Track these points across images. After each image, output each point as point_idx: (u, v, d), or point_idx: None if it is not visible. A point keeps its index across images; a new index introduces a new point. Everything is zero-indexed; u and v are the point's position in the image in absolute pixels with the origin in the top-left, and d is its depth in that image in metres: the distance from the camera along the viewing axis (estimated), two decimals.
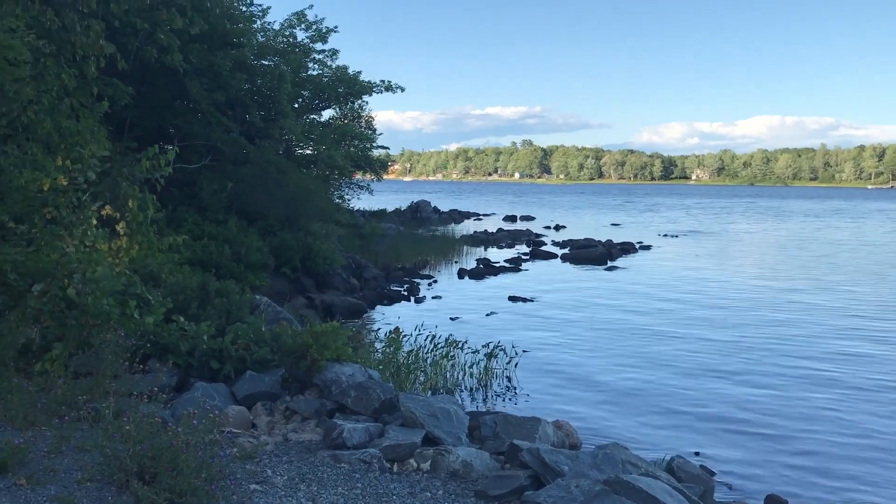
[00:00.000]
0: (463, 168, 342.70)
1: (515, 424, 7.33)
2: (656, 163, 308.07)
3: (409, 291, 22.33)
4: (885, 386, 12.64)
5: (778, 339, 16.31)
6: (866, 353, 15.05)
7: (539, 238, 43.35)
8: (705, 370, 13.65)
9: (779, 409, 11.40)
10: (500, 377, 12.80)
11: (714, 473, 8.79)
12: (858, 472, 9.01)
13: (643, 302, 21.20)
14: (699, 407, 11.52)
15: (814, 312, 19.65)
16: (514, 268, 29.05)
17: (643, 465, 6.37)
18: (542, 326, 17.57)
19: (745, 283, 25.55)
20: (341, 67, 27.85)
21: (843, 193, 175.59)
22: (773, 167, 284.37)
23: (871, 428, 10.55)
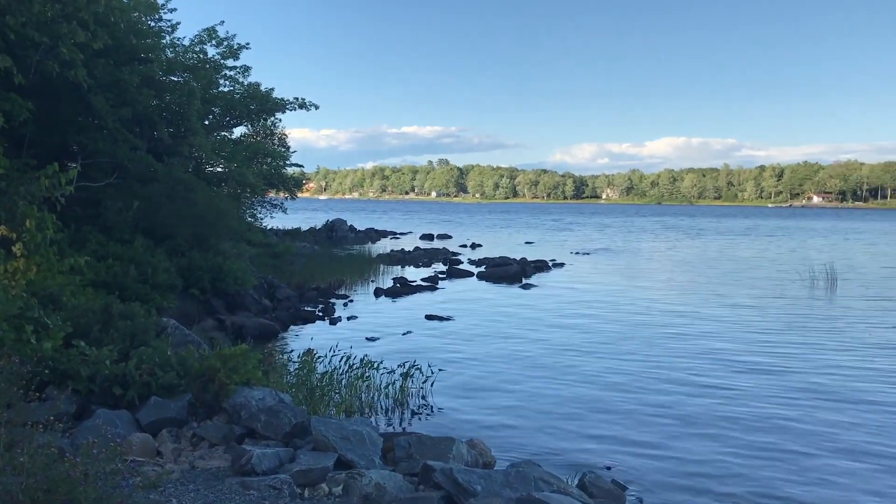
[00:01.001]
0: (380, 186, 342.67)
1: (429, 445, 7.28)
2: (568, 182, 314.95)
3: (324, 312, 22.05)
4: (787, 397, 13.11)
5: (686, 353, 16.77)
6: (769, 365, 15.61)
7: (456, 256, 43.55)
8: (617, 385, 13.90)
9: (689, 421, 11.68)
10: (417, 397, 12.74)
11: (626, 488, 8.92)
12: (767, 476, 9.28)
13: (557, 319, 21.52)
14: (612, 421, 11.71)
15: (719, 327, 20.31)
16: (430, 286, 29.07)
17: (555, 483, 6.41)
18: (459, 345, 17.61)
19: (654, 298, 26.25)
20: (253, 84, 27.49)
21: (745, 212, 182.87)
22: (679, 186, 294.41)
23: (777, 435, 10.91)
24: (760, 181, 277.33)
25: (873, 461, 9.98)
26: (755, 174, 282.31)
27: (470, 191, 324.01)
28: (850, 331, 19.87)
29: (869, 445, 10.59)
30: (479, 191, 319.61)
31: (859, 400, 12.97)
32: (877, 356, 16.60)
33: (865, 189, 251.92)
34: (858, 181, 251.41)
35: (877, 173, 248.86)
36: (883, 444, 10.66)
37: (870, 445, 10.59)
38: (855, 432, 11.20)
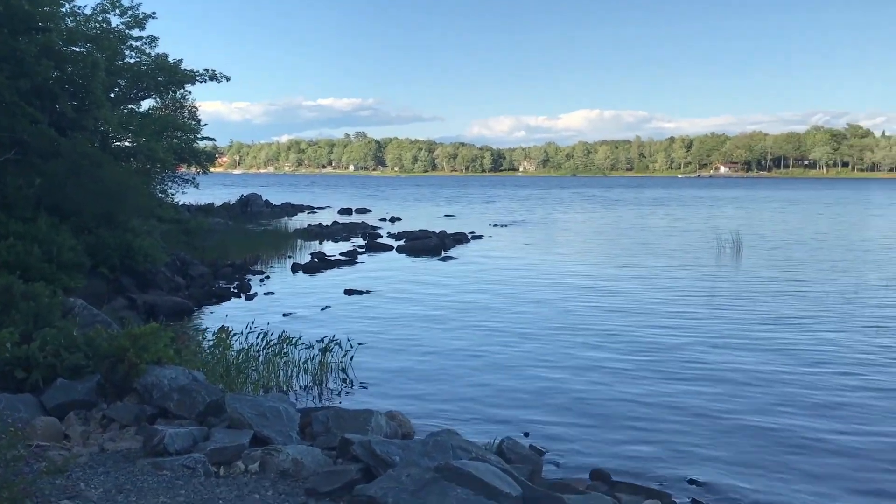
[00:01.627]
0: (296, 160, 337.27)
1: (347, 418, 7.26)
2: (486, 155, 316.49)
3: (240, 288, 21.66)
4: (702, 361, 13.58)
5: (601, 320, 17.17)
6: (681, 332, 16.11)
7: (375, 230, 43.38)
8: (534, 354, 14.14)
9: (603, 388, 11.98)
10: (336, 371, 12.66)
11: (543, 452, 9.11)
12: (675, 442, 9.61)
13: (476, 291, 21.70)
14: (529, 389, 11.91)
15: (633, 295, 20.86)
16: (349, 261, 28.89)
17: (474, 450, 6.48)
18: (379, 318, 17.58)
19: (570, 268, 26.75)
20: (161, 55, 26.49)
21: (656, 182, 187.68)
22: (593, 159, 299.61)
23: (688, 401, 11.29)
24: (670, 152, 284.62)
25: (771, 428, 10.44)
26: (665, 146, 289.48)
27: (388, 164, 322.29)
28: (754, 297, 20.68)
29: (759, 407, 11.09)
30: (398, 164, 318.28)
31: (757, 354, 13.56)
32: (778, 322, 17.35)
33: (769, 159, 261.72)
34: (763, 151, 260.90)
35: (779, 144, 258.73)
36: (776, 410, 11.18)
37: (760, 407, 11.09)
38: (749, 396, 11.69)
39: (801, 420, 10.35)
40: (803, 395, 11.48)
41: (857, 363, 13.33)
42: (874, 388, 11.80)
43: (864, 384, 12.05)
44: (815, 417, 10.44)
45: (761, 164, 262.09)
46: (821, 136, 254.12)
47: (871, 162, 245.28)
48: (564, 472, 8.65)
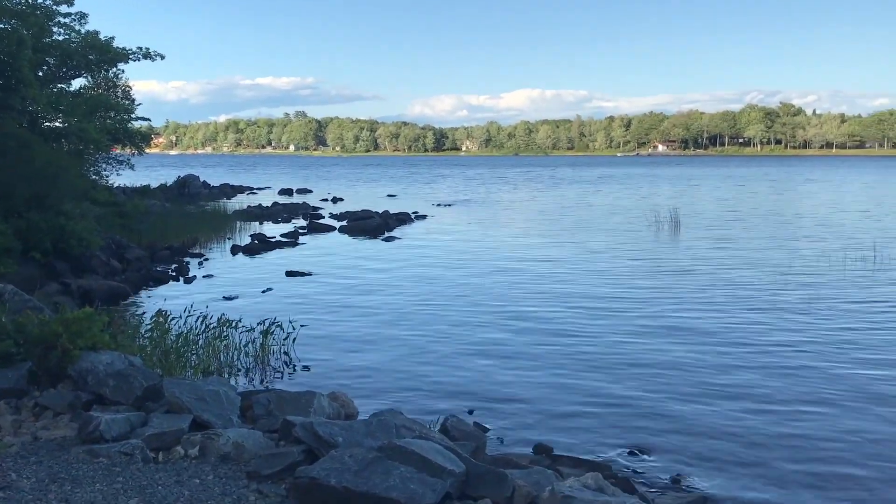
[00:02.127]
0: (234, 141, 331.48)
1: (289, 400, 7.19)
2: (429, 135, 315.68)
3: (178, 272, 21.24)
4: (641, 339, 13.83)
5: (543, 299, 17.34)
6: (621, 310, 16.37)
7: (316, 211, 42.96)
8: (478, 331, 14.22)
9: (547, 365, 12.11)
10: (278, 354, 12.53)
11: (487, 429, 9.19)
12: (617, 417, 9.79)
13: (419, 270, 21.69)
14: (473, 367, 11.97)
15: (575, 274, 21.10)
16: (291, 242, 28.57)
17: (417, 428, 6.48)
18: (321, 300, 17.44)
19: (513, 247, 26.93)
20: (91, 33, 25.68)
21: (597, 161, 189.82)
22: (534, 138, 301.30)
23: (628, 377, 11.50)
24: (610, 131, 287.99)
25: (709, 403, 10.70)
26: (605, 125, 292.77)
27: (330, 144, 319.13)
28: (691, 273, 21.13)
29: (704, 377, 11.37)
30: (339, 144, 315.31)
31: (698, 332, 13.88)
32: (714, 297, 17.76)
33: (706, 137, 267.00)
34: (699, 130, 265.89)
35: (715, 122, 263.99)
36: (715, 375, 11.47)
37: (705, 376, 11.37)
38: (685, 370, 11.97)
39: (736, 396, 10.63)
40: (737, 371, 11.79)
41: (788, 342, 13.74)
42: (801, 367, 12.15)
43: (793, 362, 12.41)
44: (747, 394, 10.71)
45: (698, 143, 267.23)
46: (755, 114, 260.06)
47: (802, 140, 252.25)
48: (508, 447, 8.74)
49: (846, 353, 12.56)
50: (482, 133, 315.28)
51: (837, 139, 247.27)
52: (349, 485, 5.03)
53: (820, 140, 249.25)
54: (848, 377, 11.24)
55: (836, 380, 11.09)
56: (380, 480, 5.05)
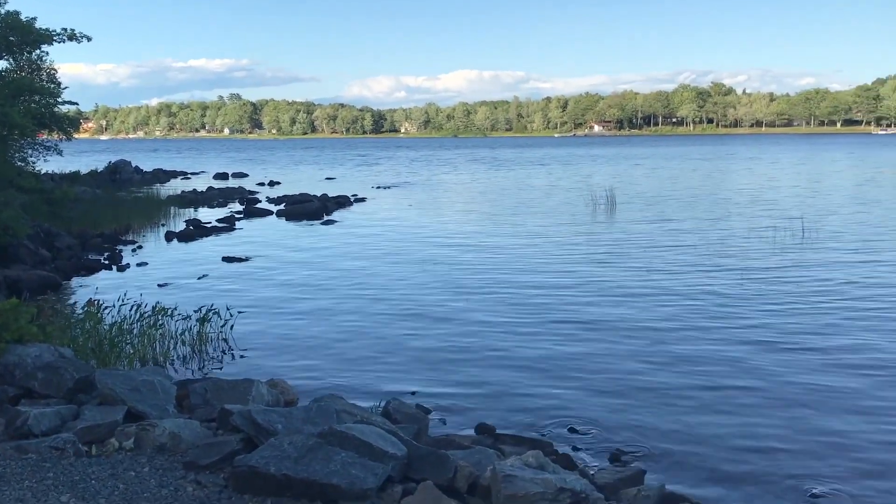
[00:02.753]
0: (167, 124, 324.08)
1: (227, 389, 7.06)
2: (367, 116, 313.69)
3: (111, 259, 20.68)
4: (580, 314, 14.00)
5: (484, 279, 17.41)
6: (559, 287, 16.55)
7: (253, 195, 42.30)
8: (419, 313, 14.21)
9: (488, 344, 12.17)
10: (216, 341, 12.30)
11: (430, 411, 9.20)
12: (558, 394, 9.90)
13: (358, 254, 21.56)
14: (415, 349, 11.97)
15: (513, 254, 21.25)
16: (227, 227, 28.10)
17: (359, 413, 6.44)
18: (260, 285, 17.20)
19: (453, 230, 26.96)
20: (12, 13, 24.60)
21: (536, 142, 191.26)
22: (473, 119, 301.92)
23: (569, 354, 11.63)
24: (547, 112, 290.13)
25: (646, 378, 10.91)
26: (542, 106, 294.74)
27: (266, 127, 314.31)
28: (626, 251, 21.48)
29: (637, 350, 11.59)
30: (276, 126, 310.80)
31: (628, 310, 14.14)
32: (650, 275, 18.10)
33: (640, 117, 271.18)
34: (634, 110, 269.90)
35: (649, 102, 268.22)
36: (650, 351, 11.71)
37: (638, 350, 11.60)
38: (624, 346, 12.18)
39: (672, 370, 10.86)
40: (674, 346, 12.04)
41: (721, 315, 14.08)
42: (734, 341, 12.48)
43: (727, 336, 12.74)
44: (684, 372, 10.92)
45: (633, 123, 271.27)
46: (687, 94, 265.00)
47: (733, 119, 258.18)
48: (451, 428, 8.76)
49: (771, 330, 12.93)
50: (421, 114, 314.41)
51: (766, 117, 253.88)
52: (289, 472, 4.98)
53: (750, 119, 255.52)
54: (772, 355, 11.58)
55: (761, 359, 11.39)
56: (320, 466, 5.01)
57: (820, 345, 11.79)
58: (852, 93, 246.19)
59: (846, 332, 12.44)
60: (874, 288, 15.76)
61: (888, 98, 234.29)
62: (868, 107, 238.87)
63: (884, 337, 12.15)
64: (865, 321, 13.12)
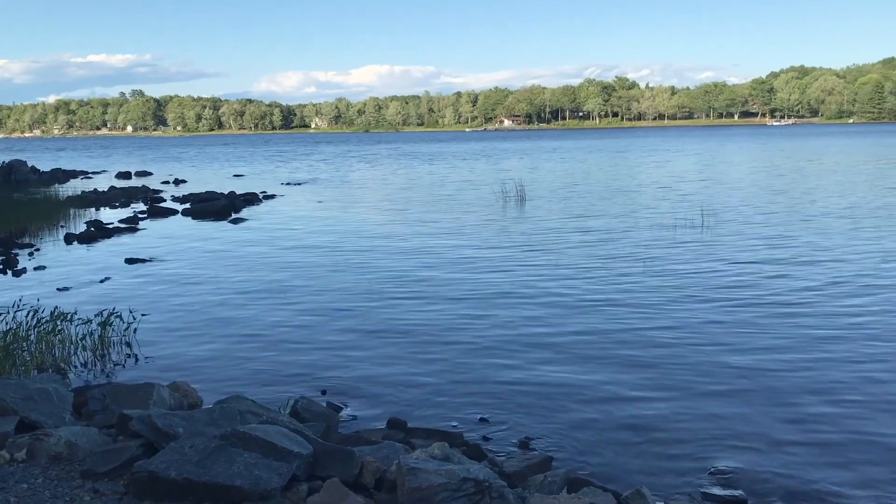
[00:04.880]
0: (66, 122, 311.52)
1: (126, 394, 6.88)
2: (276, 112, 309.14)
3: (5, 264, 19.77)
4: (488, 309, 14.17)
5: (394, 275, 17.43)
6: (469, 282, 16.72)
7: (157, 194, 41.08)
8: (329, 310, 14.12)
9: (398, 340, 12.20)
10: (119, 346, 11.94)
11: (341, 408, 9.18)
12: (467, 385, 10.02)
13: (267, 252, 21.25)
14: (324, 346, 11.89)
15: (423, 249, 21.34)
16: (130, 228, 27.24)
17: (264, 413, 6.38)
18: (165, 287, 16.76)
19: (365, 224, 26.90)
20: None
21: (447, 137, 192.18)
22: (384, 114, 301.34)
23: (476, 346, 11.78)
24: (458, 107, 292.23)
25: (553, 370, 11.16)
26: (453, 100, 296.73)
27: (170, 124, 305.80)
28: (534, 245, 21.88)
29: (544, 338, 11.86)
30: (181, 123, 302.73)
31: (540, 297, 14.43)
32: (557, 265, 18.49)
33: (548, 111, 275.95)
34: (542, 104, 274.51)
35: (557, 96, 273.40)
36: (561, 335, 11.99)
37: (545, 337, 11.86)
38: (531, 338, 12.44)
39: (579, 360, 11.14)
40: (581, 336, 12.34)
41: (625, 303, 14.52)
42: (635, 329, 12.90)
43: (630, 325, 13.15)
44: (587, 359, 11.22)
45: (541, 117, 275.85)
46: (593, 88, 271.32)
47: (637, 112, 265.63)
48: (363, 424, 8.76)
49: (671, 319, 13.42)
50: (331, 110, 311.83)
51: (668, 111, 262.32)
52: (190, 475, 4.90)
53: (653, 112, 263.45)
54: (673, 344, 12.02)
55: (661, 348, 11.78)
56: (223, 469, 4.94)
57: (713, 330, 12.31)
58: (748, 86, 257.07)
59: (739, 318, 13.02)
60: (768, 274, 16.53)
61: (781, 91, 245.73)
62: (763, 99, 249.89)
63: (775, 320, 12.78)
64: (756, 307, 13.77)
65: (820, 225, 23.80)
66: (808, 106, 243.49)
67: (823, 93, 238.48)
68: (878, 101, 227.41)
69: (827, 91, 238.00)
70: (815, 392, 9.48)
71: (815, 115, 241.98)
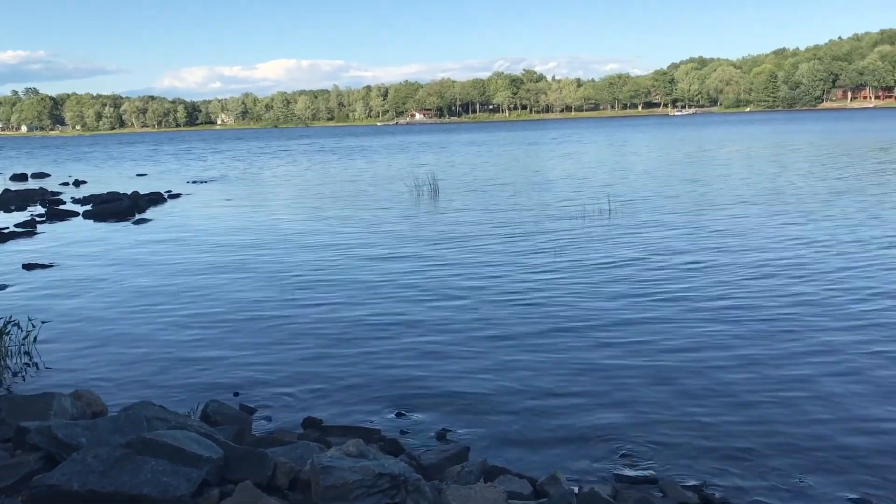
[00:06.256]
0: None
1: (24, 405, 6.56)
2: (180, 109, 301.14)
3: None
4: (396, 304, 14.15)
5: (302, 271, 17.23)
6: (380, 277, 16.66)
7: (56, 196, 39.40)
8: (238, 311, 13.81)
9: (309, 339, 12.05)
10: (18, 356, 11.39)
11: (254, 410, 9.01)
12: (384, 381, 9.98)
13: (173, 252, 20.68)
14: (236, 347, 11.64)
15: (335, 244, 21.15)
16: (27, 232, 26.04)
17: (173, 419, 6.21)
18: (66, 292, 16.08)
19: (276, 222, 26.45)
20: None
21: (358, 131, 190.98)
22: (293, 109, 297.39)
23: (389, 340, 11.74)
24: (368, 101, 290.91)
25: (468, 360, 11.24)
26: (363, 94, 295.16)
27: (69, 123, 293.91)
28: (447, 237, 21.98)
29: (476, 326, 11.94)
30: (80, 122, 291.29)
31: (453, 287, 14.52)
32: (467, 256, 18.64)
33: (459, 105, 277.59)
34: (452, 98, 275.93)
35: (467, 90, 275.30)
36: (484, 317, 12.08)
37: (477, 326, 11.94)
38: (444, 327, 12.51)
39: (494, 349, 11.25)
40: (493, 325, 12.47)
41: (537, 289, 14.75)
42: (548, 317, 13.12)
43: (542, 312, 13.37)
44: (502, 347, 11.35)
45: (452, 110, 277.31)
46: (502, 81, 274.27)
47: (545, 104, 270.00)
48: (278, 425, 8.63)
49: (581, 308, 13.71)
50: (238, 105, 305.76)
51: (575, 102, 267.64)
52: (94, 486, 4.71)
53: (560, 104, 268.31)
54: (579, 327, 12.29)
55: (569, 334, 12.05)
56: (129, 478, 4.78)
57: (621, 318, 12.64)
58: (650, 77, 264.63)
59: (642, 304, 13.42)
60: (671, 260, 17.08)
61: (682, 81, 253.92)
62: (665, 90, 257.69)
63: (674, 305, 13.22)
64: (660, 296, 14.21)
65: (725, 210, 24.71)
66: (707, 96, 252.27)
67: (721, 83, 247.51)
68: (773, 90, 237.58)
69: (725, 81, 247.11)
70: (713, 376, 9.85)
71: (715, 105, 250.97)
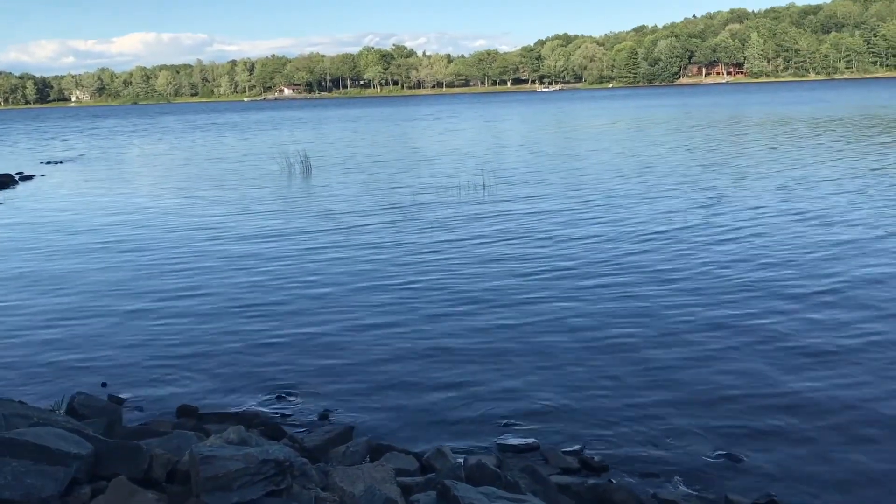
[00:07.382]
0: None
1: None
2: (29, 85, 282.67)
3: None
4: (284, 283, 13.84)
5: (172, 254, 16.63)
6: (254, 253, 16.27)
7: None
8: (97, 298, 13.13)
9: (176, 320, 11.63)
10: None
11: (124, 400, 8.61)
12: (259, 363, 9.74)
13: (28, 239, 19.48)
14: (98, 335, 11.07)
15: (203, 225, 20.48)
16: None
17: (35, 415, 5.79)
18: None
19: (140, 204, 25.30)
20: None
21: (224, 107, 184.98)
22: (154, 84, 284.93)
23: (261, 320, 11.47)
24: (234, 76, 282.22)
25: (368, 339, 11.14)
26: (228, 69, 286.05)
27: None
28: (324, 214, 21.71)
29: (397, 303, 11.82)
30: None
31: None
32: (341, 236, 18.46)
33: (329, 80, 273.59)
34: (322, 73, 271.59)
35: (336, 65, 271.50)
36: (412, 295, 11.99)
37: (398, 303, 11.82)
38: (333, 304, 12.37)
39: (371, 328, 11.19)
40: (371, 306, 12.41)
41: (413, 264, 14.79)
42: (428, 296, 13.18)
43: (421, 287, 13.41)
44: (373, 326, 11.28)
45: (322, 85, 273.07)
46: (372, 56, 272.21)
47: (416, 80, 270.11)
48: (150, 415, 8.27)
49: (458, 284, 13.87)
50: (94, 81, 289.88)
51: (446, 78, 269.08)
52: None
53: (431, 80, 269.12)
54: (456, 300, 12.44)
55: (446, 306, 12.19)
56: None
57: (501, 294, 12.86)
58: (518, 54, 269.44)
59: (521, 281, 13.70)
60: (551, 234, 17.51)
61: (548, 58, 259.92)
62: (532, 66, 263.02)
63: (555, 281, 13.57)
64: (533, 265, 14.56)
65: (594, 182, 25.52)
66: (572, 72, 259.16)
67: (585, 59, 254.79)
68: (634, 67, 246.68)
69: (588, 58, 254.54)
70: (587, 348, 10.19)
71: (580, 81, 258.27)
